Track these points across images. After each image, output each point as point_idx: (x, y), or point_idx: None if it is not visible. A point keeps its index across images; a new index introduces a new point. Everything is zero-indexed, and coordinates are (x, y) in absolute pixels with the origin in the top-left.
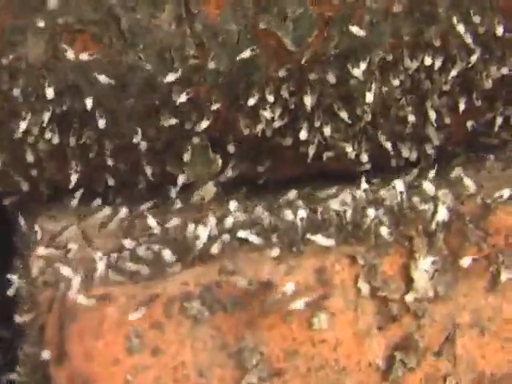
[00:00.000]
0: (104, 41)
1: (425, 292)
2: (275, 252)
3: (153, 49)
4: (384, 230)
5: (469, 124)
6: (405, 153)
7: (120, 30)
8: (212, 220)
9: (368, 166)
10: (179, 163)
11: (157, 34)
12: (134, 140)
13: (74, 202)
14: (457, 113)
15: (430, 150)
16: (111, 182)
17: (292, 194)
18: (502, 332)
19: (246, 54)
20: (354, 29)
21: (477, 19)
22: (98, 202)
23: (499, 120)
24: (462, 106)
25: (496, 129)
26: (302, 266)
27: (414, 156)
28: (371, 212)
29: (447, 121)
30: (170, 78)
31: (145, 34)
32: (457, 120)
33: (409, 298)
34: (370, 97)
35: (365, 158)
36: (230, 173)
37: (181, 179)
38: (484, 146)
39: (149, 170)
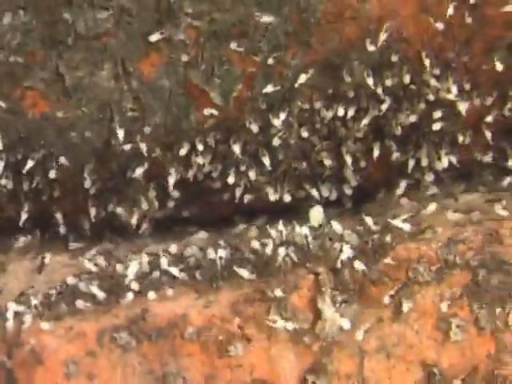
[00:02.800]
0: (51, 97)
1: (332, 322)
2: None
3: (94, 103)
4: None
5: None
6: (324, 193)
7: (65, 86)
8: (144, 257)
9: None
10: (123, 204)
11: (97, 90)
12: (85, 185)
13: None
14: (372, 156)
15: (348, 190)
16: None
17: (202, 234)
18: (407, 356)
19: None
20: (269, 88)
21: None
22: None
23: (411, 162)
24: (376, 152)
25: (409, 170)
26: (218, 300)
27: (334, 196)
28: (282, 251)
29: (363, 164)
30: (120, 133)
31: (86, 90)
32: (373, 163)
33: (317, 327)
34: (276, 141)
35: (287, 198)
36: (167, 212)
37: (134, 219)
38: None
39: (92, 212)
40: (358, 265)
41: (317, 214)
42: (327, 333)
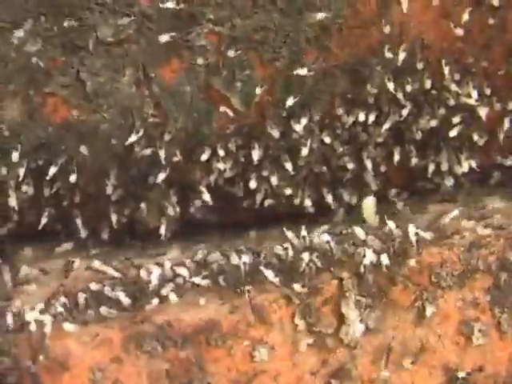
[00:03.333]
0: (72, 103)
1: (356, 326)
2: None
3: (115, 109)
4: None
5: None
6: (346, 197)
7: (86, 92)
8: (167, 263)
9: (311, 210)
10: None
11: (118, 96)
12: (107, 191)
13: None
14: (392, 161)
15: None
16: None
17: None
18: (430, 360)
19: None
20: (289, 101)
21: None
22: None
23: (431, 166)
24: (396, 156)
25: (430, 174)
26: (243, 305)
27: (354, 200)
28: (305, 256)
29: (383, 168)
30: (133, 138)
31: (107, 96)
32: (393, 167)
33: (342, 332)
34: (305, 151)
35: (308, 203)
36: (189, 218)
37: (161, 226)
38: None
39: (114, 218)
40: (384, 259)
41: (369, 205)
42: (351, 337)
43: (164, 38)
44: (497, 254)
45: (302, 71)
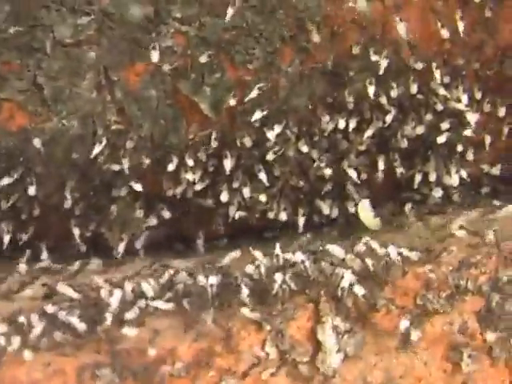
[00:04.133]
0: (29, 109)
1: (334, 353)
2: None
3: (75, 115)
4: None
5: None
6: (325, 210)
7: (43, 98)
8: (127, 286)
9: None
10: (108, 225)
11: (78, 101)
12: (65, 205)
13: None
14: (376, 170)
15: (351, 208)
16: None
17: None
18: None
19: None
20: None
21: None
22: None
23: (418, 176)
24: (381, 165)
25: (416, 185)
26: (208, 332)
27: (334, 213)
28: (278, 277)
29: (366, 179)
30: (97, 149)
31: (67, 102)
32: (377, 177)
33: (318, 360)
34: (271, 156)
35: (284, 216)
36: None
37: (120, 244)
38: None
39: (77, 232)
40: (358, 290)
41: (365, 209)
42: (329, 365)
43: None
44: (488, 273)
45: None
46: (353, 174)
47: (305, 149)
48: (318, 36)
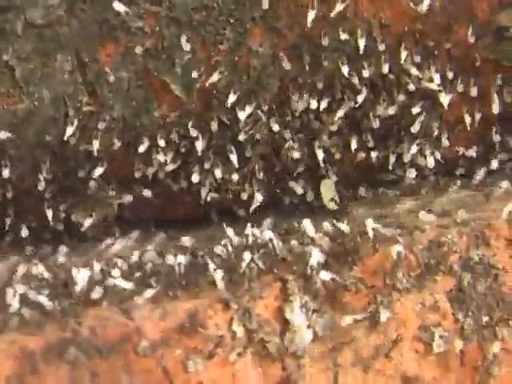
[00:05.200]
0: (0, 90)
1: (303, 332)
2: (149, 293)
3: (47, 97)
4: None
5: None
6: (298, 191)
7: (15, 79)
8: (96, 265)
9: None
10: (80, 207)
11: (50, 83)
12: (39, 186)
13: None
14: (349, 151)
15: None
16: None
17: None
18: (386, 369)
19: None
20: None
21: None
22: None
23: (392, 158)
24: (353, 145)
25: (390, 166)
26: (175, 311)
27: (311, 196)
28: (247, 256)
29: (338, 158)
30: (69, 131)
31: (39, 83)
32: (350, 158)
33: (286, 339)
34: (243, 137)
35: (259, 197)
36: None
37: (88, 221)
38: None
39: (49, 214)
40: (325, 275)
41: (327, 187)
42: (297, 345)
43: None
44: (459, 252)
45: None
46: (320, 155)
47: (276, 128)
48: (288, 16)
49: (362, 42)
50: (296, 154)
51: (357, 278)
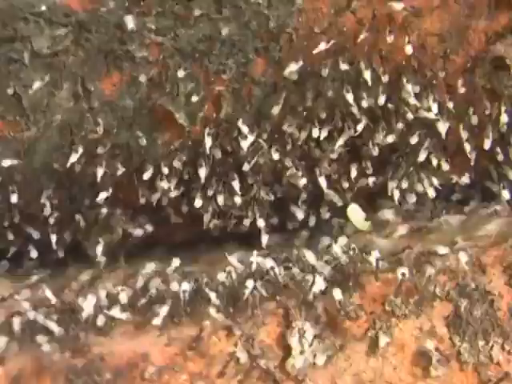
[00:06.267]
0: (8, 118)
1: (304, 358)
2: (157, 321)
3: (54, 125)
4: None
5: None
6: (299, 216)
7: (22, 107)
8: (102, 291)
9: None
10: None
11: (56, 111)
12: (45, 212)
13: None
14: (350, 178)
15: (325, 214)
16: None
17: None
18: None
19: None
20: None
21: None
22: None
23: (391, 184)
24: (353, 172)
25: (389, 192)
26: (181, 337)
27: (312, 220)
28: (249, 283)
29: (343, 185)
30: (73, 157)
31: (45, 112)
32: (351, 184)
33: (288, 365)
34: (246, 166)
35: (261, 223)
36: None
37: (98, 249)
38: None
39: (54, 239)
40: (337, 294)
41: (355, 212)
42: (298, 370)
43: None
44: (456, 279)
45: None
46: (323, 182)
47: (276, 157)
48: (289, 46)
49: (367, 74)
50: (299, 181)
51: (356, 304)
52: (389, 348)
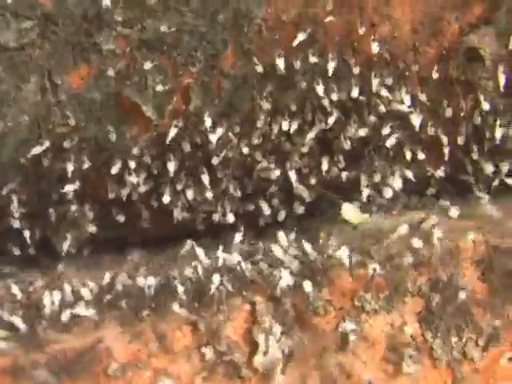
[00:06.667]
0: None
1: (272, 354)
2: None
3: (20, 118)
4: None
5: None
6: (266, 212)
7: None
8: (67, 287)
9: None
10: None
11: (23, 104)
12: (12, 207)
13: None
14: (321, 172)
15: (299, 209)
16: None
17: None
18: None
19: None
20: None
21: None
22: None
23: (363, 178)
24: (324, 166)
25: (362, 188)
26: (145, 333)
27: (282, 215)
28: (216, 278)
29: (312, 180)
30: (37, 149)
31: (12, 105)
32: (323, 179)
33: (255, 361)
34: (215, 160)
35: (231, 218)
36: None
37: (65, 245)
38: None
39: (26, 235)
40: (307, 286)
41: (350, 210)
42: (266, 367)
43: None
44: (429, 274)
45: None
46: (293, 176)
47: (246, 151)
48: (259, 38)
49: (331, 65)
50: (271, 174)
51: (325, 299)
52: (359, 344)
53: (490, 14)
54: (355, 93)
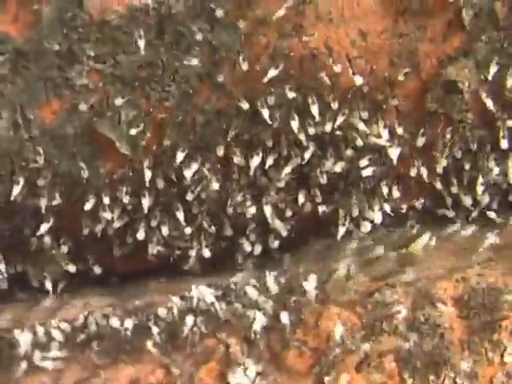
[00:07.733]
0: None
1: None
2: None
3: None
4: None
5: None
6: (247, 247)
7: None
8: (39, 328)
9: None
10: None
11: None
12: None
13: None
14: (298, 206)
15: (274, 243)
16: None
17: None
18: None
19: None
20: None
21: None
22: None
23: (341, 212)
24: (301, 200)
25: (340, 220)
26: (116, 378)
27: (258, 250)
28: (189, 320)
29: (288, 214)
30: (16, 190)
31: None
32: (300, 213)
33: None
34: (190, 196)
35: (207, 253)
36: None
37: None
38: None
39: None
40: (284, 317)
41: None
42: None
43: None
44: (405, 312)
45: None
46: (268, 211)
47: (216, 187)
48: (234, 73)
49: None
50: (247, 211)
51: (300, 340)
52: None
53: (468, 45)
54: (329, 128)
